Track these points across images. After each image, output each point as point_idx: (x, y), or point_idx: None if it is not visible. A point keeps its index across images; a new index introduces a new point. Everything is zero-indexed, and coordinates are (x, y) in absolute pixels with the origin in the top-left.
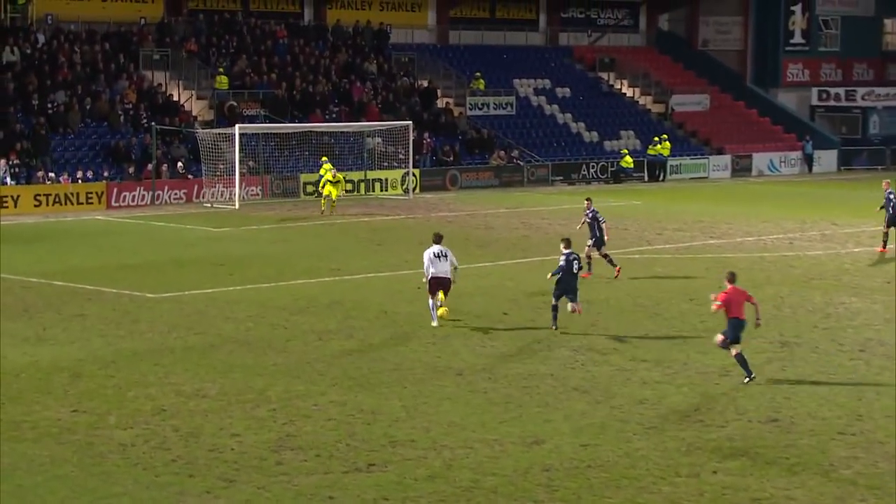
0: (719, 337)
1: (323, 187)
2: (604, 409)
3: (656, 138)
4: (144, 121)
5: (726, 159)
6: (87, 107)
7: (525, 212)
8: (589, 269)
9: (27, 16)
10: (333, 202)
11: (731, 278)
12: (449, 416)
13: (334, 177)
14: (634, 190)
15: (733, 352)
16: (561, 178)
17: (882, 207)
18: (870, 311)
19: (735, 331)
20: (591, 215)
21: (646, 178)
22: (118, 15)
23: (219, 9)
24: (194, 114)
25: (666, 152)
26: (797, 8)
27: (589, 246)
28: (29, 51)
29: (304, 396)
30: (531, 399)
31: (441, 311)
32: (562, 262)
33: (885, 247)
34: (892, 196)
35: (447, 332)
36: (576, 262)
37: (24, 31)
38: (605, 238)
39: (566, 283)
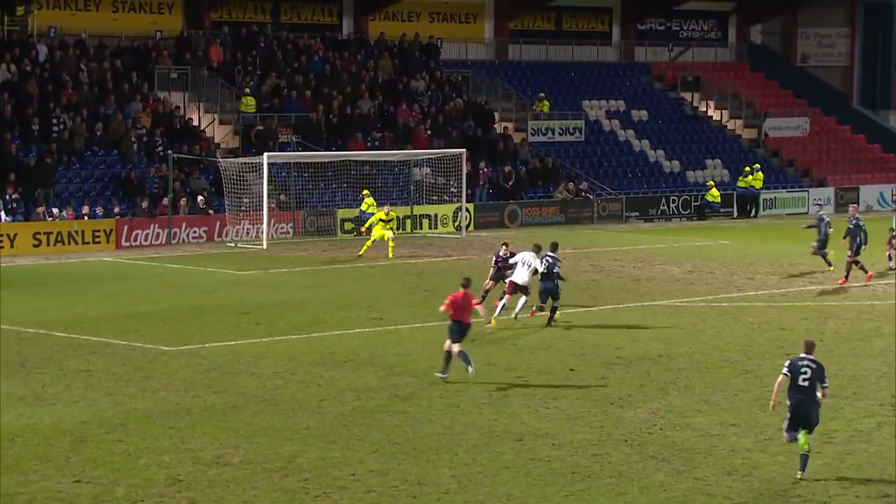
0: (447, 342)
1: (368, 230)
2: (686, 480)
3: (747, 168)
4: (160, 148)
5: (829, 192)
6: (97, 132)
7: (595, 253)
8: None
9: (27, 28)
10: (391, 244)
11: (466, 283)
12: (507, 487)
13: (387, 214)
14: (722, 228)
15: (455, 349)
16: (636, 214)
17: (846, 237)
18: None
19: (457, 333)
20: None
21: (735, 214)
22: (131, 27)
23: (245, 20)
24: (217, 140)
25: (759, 184)
26: None
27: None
28: (28, 67)
29: (340, 465)
30: (602, 469)
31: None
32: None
33: (867, 274)
34: (861, 223)
35: (505, 391)
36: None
37: (24, 45)
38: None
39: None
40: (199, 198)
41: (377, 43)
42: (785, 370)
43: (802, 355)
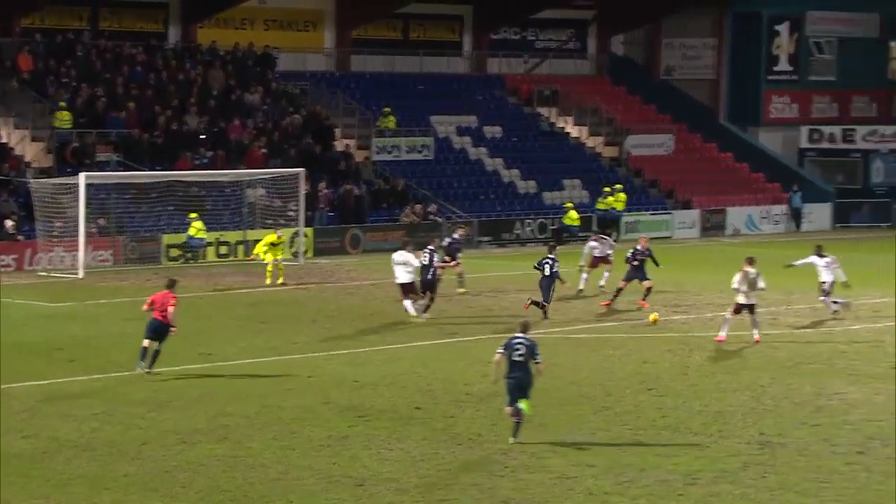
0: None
1: (263, 252)
2: None
3: (607, 189)
4: None
5: (694, 215)
6: None
7: (444, 280)
8: None
9: None
10: (280, 267)
11: (171, 284)
12: None
13: (279, 238)
14: (580, 253)
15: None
16: (489, 238)
17: (628, 261)
18: (870, 404)
19: (151, 331)
20: None
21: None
22: None
23: (61, 27)
24: (28, 159)
25: (620, 206)
26: (783, 28)
27: None
28: None
29: None
30: None
31: None
32: None
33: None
34: (648, 253)
35: (344, 432)
36: None
37: None
38: None
39: None
40: (8, 222)
41: (207, 52)
42: (501, 349)
43: (518, 335)
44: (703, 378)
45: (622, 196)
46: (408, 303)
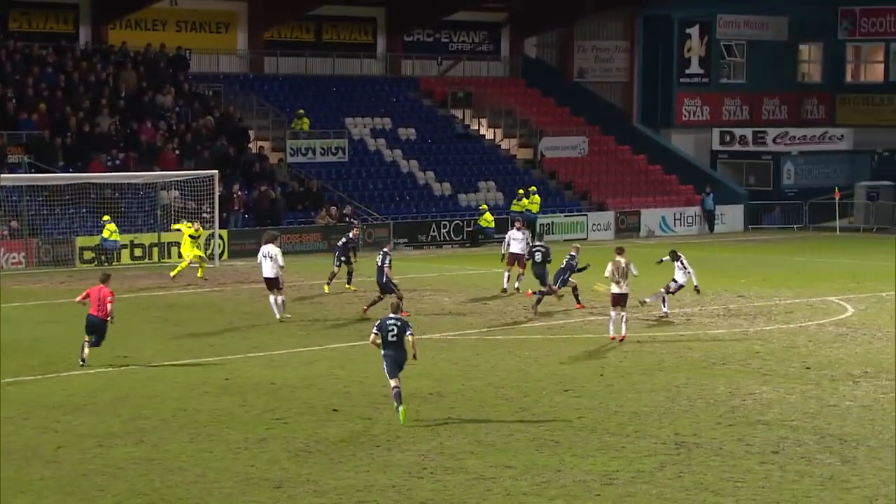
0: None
1: (191, 250)
2: None
3: (521, 191)
4: None
5: (609, 216)
6: None
7: (359, 282)
8: None
9: None
10: (203, 261)
11: (105, 279)
12: None
13: (197, 231)
14: (496, 255)
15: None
16: (405, 240)
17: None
18: (784, 403)
19: (91, 327)
20: None
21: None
22: None
23: None
24: None
25: (535, 208)
26: (693, 31)
27: None
28: None
29: None
30: None
31: None
32: None
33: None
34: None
35: (262, 434)
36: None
37: None
38: None
39: None
40: None
41: (119, 53)
42: (375, 330)
43: (390, 315)
44: (619, 379)
45: (537, 198)
46: (273, 299)
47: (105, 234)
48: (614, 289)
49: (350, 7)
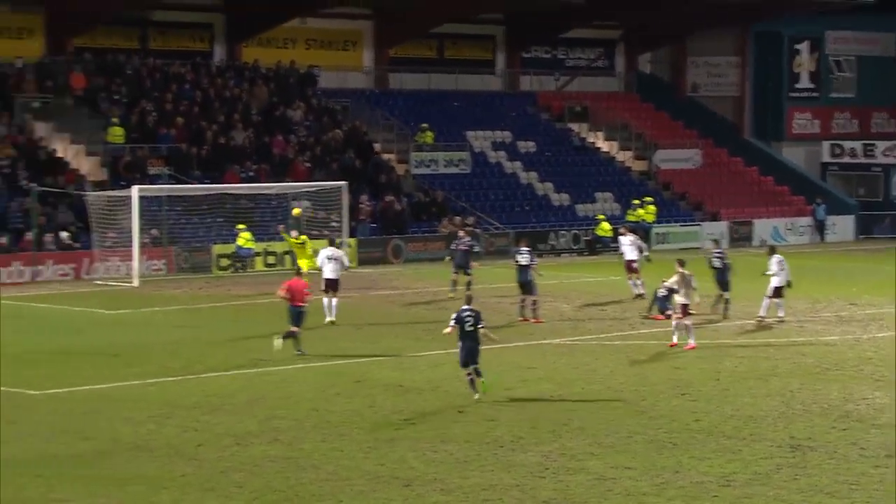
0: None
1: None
2: None
3: (636, 201)
4: (24, 181)
5: (722, 226)
6: None
7: (481, 289)
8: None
9: None
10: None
11: (299, 271)
12: None
13: (298, 238)
14: (613, 263)
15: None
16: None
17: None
18: None
19: (296, 317)
20: None
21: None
22: None
23: (111, 46)
24: (83, 172)
25: (651, 218)
26: (803, 47)
27: None
28: None
29: None
30: None
31: None
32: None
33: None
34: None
35: (391, 434)
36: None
37: None
38: None
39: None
40: (64, 234)
41: (251, 70)
42: (452, 322)
43: (465, 307)
44: (735, 383)
45: (652, 208)
46: (327, 301)
47: (240, 241)
48: (679, 299)
49: (471, 25)
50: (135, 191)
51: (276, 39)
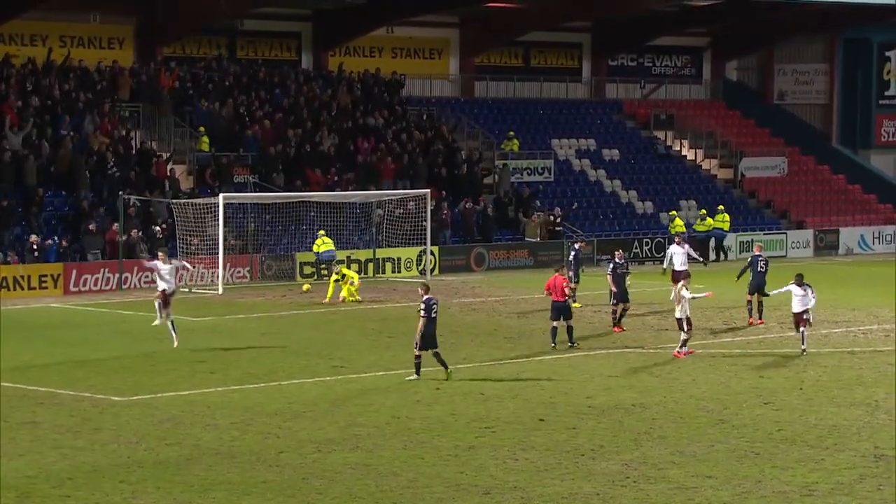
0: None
1: (341, 278)
2: None
3: (703, 211)
4: (124, 192)
5: (808, 234)
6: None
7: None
8: None
9: None
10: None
11: (559, 269)
12: None
13: (338, 273)
14: (698, 272)
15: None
16: (608, 257)
17: (740, 276)
18: None
19: (556, 311)
20: None
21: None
22: (81, 62)
23: (199, 55)
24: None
25: (726, 226)
26: (893, 54)
27: None
28: None
29: None
30: None
31: None
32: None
33: (752, 317)
34: (760, 261)
35: (471, 442)
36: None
37: None
38: None
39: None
40: (156, 227)
41: (338, 77)
42: (422, 311)
43: (430, 297)
44: (818, 392)
45: (726, 216)
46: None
47: (315, 248)
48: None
49: (557, 33)
50: (220, 198)
51: (363, 48)
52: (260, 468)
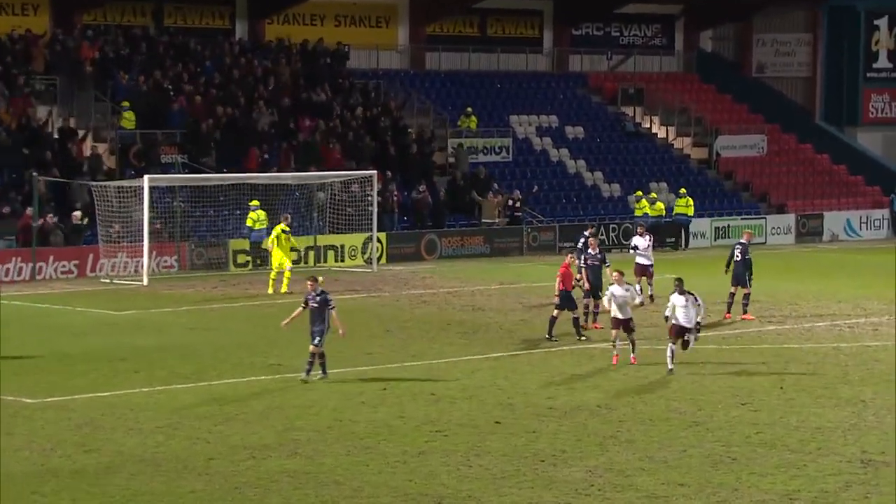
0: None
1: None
2: None
3: (639, 192)
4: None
5: (789, 220)
6: None
7: (524, 289)
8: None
9: None
10: (288, 274)
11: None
12: None
13: (288, 226)
14: (670, 260)
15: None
16: (571, 244)
17: (728, 266)
18: None
19: (565, 301)
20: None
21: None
22: None
23: (123, 23)
24: (90, 158)
25: (690, 211)
26: (882, 23)
27: None
28: None
29: None
30: None
31: None
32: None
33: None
34: (738, 249)
35: (421, 447)
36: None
37: None
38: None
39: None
40: (76, 213)
41: (275, 48)
42: (303, 304)
43: (321, 289)
44: (800, 392)
45: (689, 200)
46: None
47: (248, 222)
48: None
49: (516, 0)
50: (146, 180)
51: (303, 16)
52: (188, 477)
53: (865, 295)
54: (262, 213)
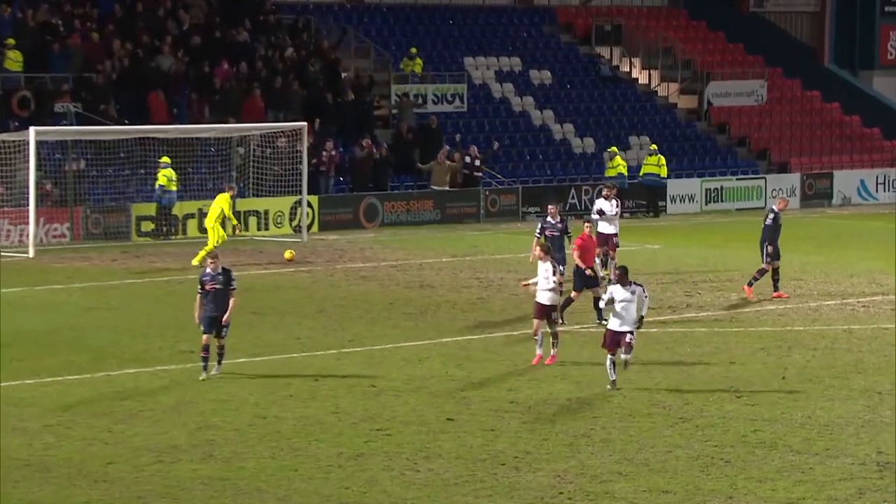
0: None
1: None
2: None
3: (614, 148)
4: None
5: (793, 180)
6: None
7: (481, 261)
8: None
9: None
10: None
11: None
12: None
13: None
14: (651, 228)
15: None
16: (537, 209)
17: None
18: None
19: (582, 281)
20: None
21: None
22: None
23: None
24: None
25: (663, 171)
26: None
27: None
28: None
29: None
30: None
31: None
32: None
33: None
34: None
35: (359, 448)
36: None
37: None
38: None
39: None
40: None
41: None
42: (200, 291)
43: (222, 267)
44: (806, 383)
45: (662, 160)
46: None
47: (162, 180)
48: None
49: None
50: (31, 133)
51: None
52: (82, 484)
53: (882, 269)
54: (171, 172)
